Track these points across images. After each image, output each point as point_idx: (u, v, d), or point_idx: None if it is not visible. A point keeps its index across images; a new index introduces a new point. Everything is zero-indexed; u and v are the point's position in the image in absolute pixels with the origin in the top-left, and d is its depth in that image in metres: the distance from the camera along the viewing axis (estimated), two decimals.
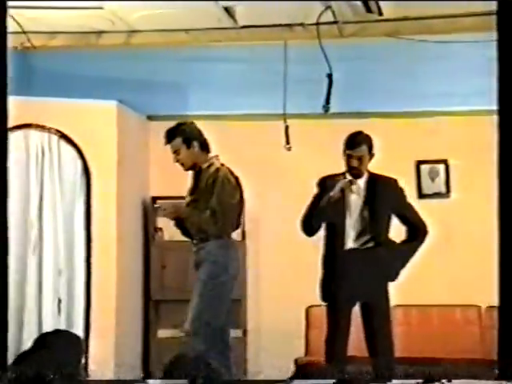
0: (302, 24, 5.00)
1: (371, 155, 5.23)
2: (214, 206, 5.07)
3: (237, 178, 5.26)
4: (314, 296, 7.42)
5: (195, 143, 5.20)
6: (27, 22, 4.96)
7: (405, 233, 5.33)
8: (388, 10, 4.80)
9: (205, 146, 5.28)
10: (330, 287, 5.24)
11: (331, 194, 5.14)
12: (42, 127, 6.91)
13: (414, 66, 6.04)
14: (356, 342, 5.23)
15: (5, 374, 1.78)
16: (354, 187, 5.23)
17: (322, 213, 5.21)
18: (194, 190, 5.26)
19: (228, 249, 5.18)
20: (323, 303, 5.29)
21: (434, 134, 7.27)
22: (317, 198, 5.29)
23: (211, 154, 5.35)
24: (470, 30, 4.94)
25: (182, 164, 5.25)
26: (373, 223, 5.19)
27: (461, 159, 7.56)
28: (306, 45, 5.04)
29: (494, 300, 7.43)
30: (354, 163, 5.16)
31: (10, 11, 4.77)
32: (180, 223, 5.28)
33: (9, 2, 4.64)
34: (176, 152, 5.22)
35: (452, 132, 7.48)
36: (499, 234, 2.25)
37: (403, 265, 5.28)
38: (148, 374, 7.38)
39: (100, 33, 5.21)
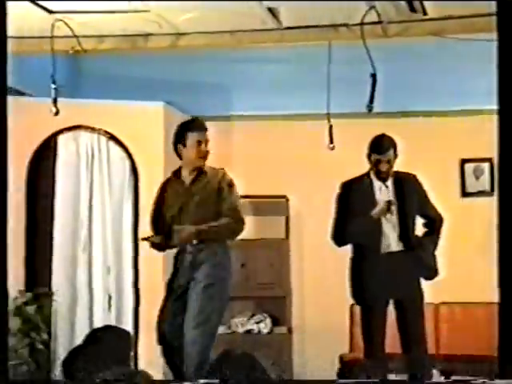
0: (346, 24, 4.99)
1: (396, 156, 5.18)
2: (237, 214, 4.97)
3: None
4: None
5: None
6: (77, 27, 5.00)
7: (423, 226, 5.26)
8: (432, 9, 4.77)
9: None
10: (363, 290, 5.17)
11: (374, 213, 5.05)
12: (91, 129, 6.96)
13: (459, 64, 5.98)
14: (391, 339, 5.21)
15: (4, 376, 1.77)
16: (383, 189, 5.17)
17: (358, 234, 5.13)
18: (193, 192, 5.03)
19: (228, 250, 5.09)
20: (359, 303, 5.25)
21: (479, 133, 7.15)
22: (343, 205, 5.24)
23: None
24: None
25: (203, 156, 5.07)
26: (403, 224, 5.13)
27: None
28: (350, 45, 5.01)
29: None
30: (384, 167, 5.11)
31: (60, 16, 4.84)
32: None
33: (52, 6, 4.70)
34: (202, 142, 5.03)
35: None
36: (499, 233, 2.25)
37: (435, 260, 5.21)
38: None
39: (147, 35, 5.25)
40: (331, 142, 5.70)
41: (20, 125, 6.68)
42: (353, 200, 5.20)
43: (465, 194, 7.45)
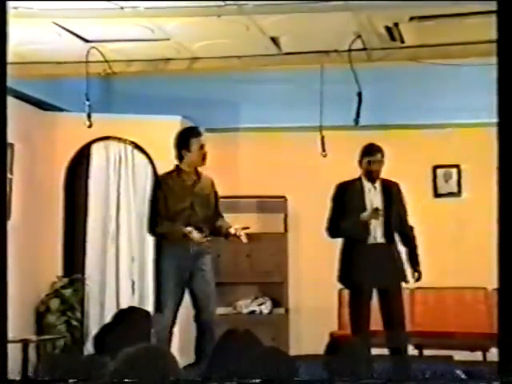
0: (336, 50, 4.97)
1: (383, 161, 5.24)
2: (221, 212, 5.10)
3: None
4: None
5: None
6: (108, 53, 5.00)
7: (402, 243, 5.29)
8: (409, 38, 4.77)
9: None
10: (352, 275, 5.20)
11: (363, 216, 5.10)
12: (119, 139, 6.92)
13: (431, 85, 5.99)
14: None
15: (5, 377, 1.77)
16: (372, 190, 5.21)
17: (350, 229, 5.19)
18: (195, 193, 5.06)
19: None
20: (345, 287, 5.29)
21: (447, 143, 7.20)
22: (338, 203, 5.29)
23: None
24: (478, 55, 4.90)
25: (205, 160, 5.11)
26: (387, 222, 5.16)
27: (470, 164, 7.49)
28: (340, 68, 5.02)
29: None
30: (375, 167, 5.17)
31: (94, 44, 4.88)
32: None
33: (88, 36, 4.73)
34: (204, 147, 5.10)
35: (463, 141, 7.41)
36: (498, 226, 2.21)
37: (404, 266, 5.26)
38: None
39: (167, 60, 5.22)
40: (323, 150, 5.70)
41: (59, 136, 6.77)
42: (346, 199, 5.24)
43: (437, 195, 7.42)
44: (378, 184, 5.24)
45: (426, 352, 6.06)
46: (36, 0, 3.99)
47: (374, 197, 5.20)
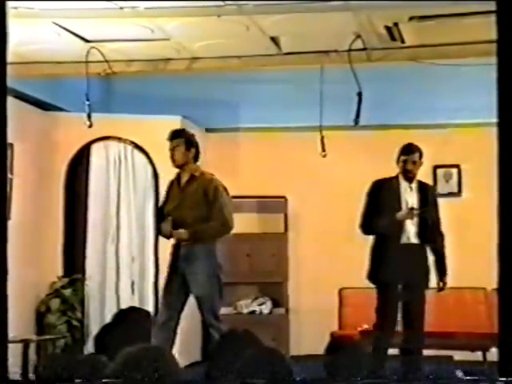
0: (336, 50, 4.96)
1: (420, 163, 5.25)
2: (223, 217, 4.92)
3: (225, 187, 5.10)
4: (346, 279, 7.44)
5: (192, 150, 5.08)
6: (108, 53, 4.99)
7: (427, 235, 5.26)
8: (409, 38, 4.76)
9: (197, 157, 5.13)
10: (382, 273, 5.16)
11: (398, 215, 5.09)
12: (119, 139, 6.95)
13: (431, 85, 5.99)
14: None
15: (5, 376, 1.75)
16: (408, 190, 5.21)
17: (384, 227, 5.15)
18: (186, 193, 5.04)
19: (215, 246, 4.99)
20: (372, 285, 5.22)
21: (448, 143, 7.21)
22: (373, 200, 5.24)
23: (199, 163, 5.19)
24: (478, 55, 4.90)
25: (175, 160, 5.05)
26: (422, 223, 5.17)
27: (471, 164, 7.49)
28: (340, 68, 5.02)
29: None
30: (410, 166, 5.17)
31: (94, 44, 4.88)
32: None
33: (88, 36, 4.73)
34: (174, 149, 5.04)
35: (463, 141, 7.42)
36: (499, 226, 2.19)
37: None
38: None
39: (167, 60, 5.21)
40: (323, 150, 5.69)
41: (59, 135, 6.78)
42: (381, 197, 5.22)
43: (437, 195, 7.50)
44: (414, 184, 5.25)
45: (426, 352, 6.05)
46: (36, 0, 3.97)
47: (409, 196, 5.21)
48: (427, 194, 5.28)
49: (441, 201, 6.65)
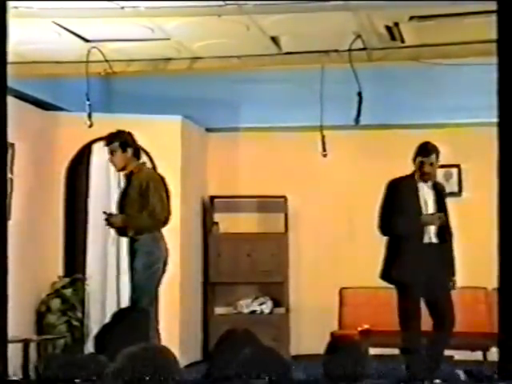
0: (336, 50, 4.96)
1: (438, 163, 5.24)
2: (151, 207, 5.03)
3: (163, 179, 5.23)
4: (346, 279, 7.45)
5: (129, 149, 5.15)
6: (109, 53, 4.99)
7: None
8: (409, 37, 4.77)
9: (137, 153, 5.22)
10: (402, 273, 5.12)
11: (425, 219, 5.08)
12: None
13: (431, 85, 5.99)
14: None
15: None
16: (425, 189, 5.21)
17: (405, 227, 5.11)
18: (126, 191, 5.17)
19: (159, 241, 5.13)
20: (392, 285, 5.20)
21: (447, 143, 7.19)
22: (389, 200, 5.19)
23: (141, 161, 5.31)
24: (478, 55, 4.90)
25: (115, 165, 5.19)
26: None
27: (471, 164, 7.50)
28: (340, 68, 5.02)
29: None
30: (427, 169, 5.16)
31: (94, 44, 4.88)
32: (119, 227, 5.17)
33: (88, 35, 4.73)
34: (112, 153, 5.15)
35: (463, 141, 7.42)
36: (499, 225, 2.17)
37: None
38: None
39: (168, 60, 5.21)
40: (324, 149, 5.69)
41: (60, 135, 6.78)
42: (399, 197, 5.19)
43: None
44: (429, 183, 5.25)
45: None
46: (36, 0, 3.96)
47: (427, 196, 5.20)
48: (442, 194, 5.28)
49: None
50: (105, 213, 5.20)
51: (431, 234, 5.16)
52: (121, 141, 5.14)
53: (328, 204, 7.64)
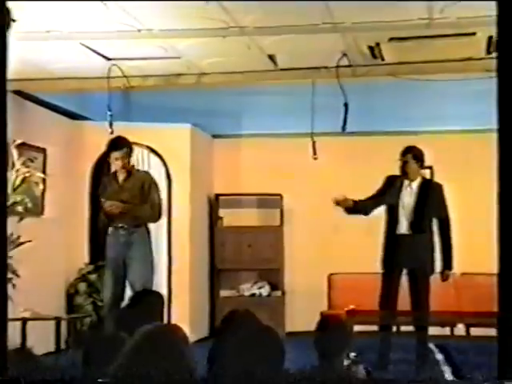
0: (325, 67, 4.95)
1: (419, 163, 5.21)
2: (151, 200, 5.07)
3: (155, 181, 5.28)
4: (334, 265, 7.44)
5: (132, 154, 5.23)
6: (128, 69, 4.99)
7: (437, 225, 5.24)
8: (389, 56, 4.76)
9: (130, 155, 5.26)
10: (384, 260, 5.18)
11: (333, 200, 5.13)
12: (136, 144, 6.96)
13: (407, 97, 5.99)
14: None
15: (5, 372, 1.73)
16: (408, 188, 5.20)
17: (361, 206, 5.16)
18: (125, 187, 5.13)
19: (149, 233, 5.16)
20: (381, 270, 5.22)
21: (421, 147, 7.19)
22: (381, 188, 5.24)
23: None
24: (448, 71, 4.91)
25: (123, 167, 5.14)
26: (416, 217, 5.15)
27: (441, 165, 7.50)
28: (329, 82, 5.02)
29: (465, 268, 7.32)
30: (405, 167, 5.18)
31: (114, 62, 4.87)
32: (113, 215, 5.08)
33: (109, 54, 4.72)
34: (121, 158, 5.09)
35: (435, 146, 7.41)
36: (499, 224, 1.99)
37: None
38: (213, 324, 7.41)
39: (179, 75, 5.23)
40: (314, 153, 5.67)
41: (86, 141, 6.77)
42: (387, 189, 5.24)
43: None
44: (416, 183, 5.21)
45: (404, 328, 6.05)
46: (37, 0, 3.66)
47: (407, 194, 5.18)
48: (428, 192, 5.20)
49: None
50: (103, 200, 5.09)
51: (403, 226, 5.14)
52: (128, 147, 5.15)
53: (318, 201, 7.62)
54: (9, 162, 5.37)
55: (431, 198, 5.20)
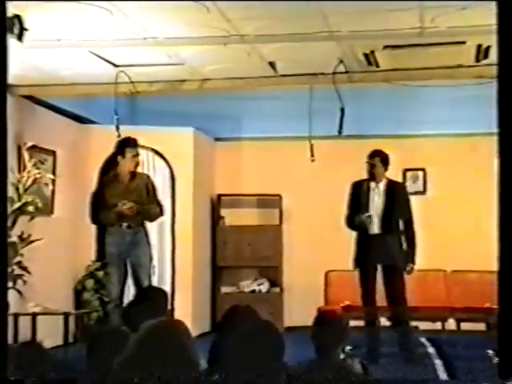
0: (322, 73, 4.97)
1: (384, 166, 5.22)
2: (158, 201, 5.21)
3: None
4: (331, 263, 7.44)
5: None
6: (134, 75, 5.00)
7: (402, 225, 5.26)
8: (383, 63, 4.77)
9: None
10: (361, 258, 5.20)
11: (356, 220, 5.13)
12: (142, 146, 6.95)
13: (401, 102, 6.00)
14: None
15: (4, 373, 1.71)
16: (376, 190, 5.21)
17: (357, 223, 5.19)
18: (131, 188, 5.18)
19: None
20: (356, 268, 5.25)
21: (415, 150, 7.22)
22: (351, 199, 5.27)
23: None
24: (440, 78, 4.92)
25: (135, 166, 5.22)
26: (385, 217, 5.16)
27: (434, 168, 7.51)
28: (326, 88, 5.03)
29: (456, 266, 7.31)
30: (373, 169, 5.19)
31: (121, 68, 4.88)
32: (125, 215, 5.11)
33: (116, 61, 4.73)
34: (138, 155, 5.21)
35: (428, 148, 7.44)
36: (499, 225, 1.95)
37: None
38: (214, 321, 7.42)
39: (182, 81, 5.23)
40: (312, 155, 5.68)
41: (93, 144, 6.78)
42: (357, 196, 5.24)
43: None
44: (382, 184, 5.22)
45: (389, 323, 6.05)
46: (36, 0, 3.56)
47: (376, 195, 5.19)
48: (394, 193, 5.23)
49: (410, 198, 6.63)
50: (121, 203, 5.10)
51: (375, 227, 5.17)
52: (138, 147, 5.24)
53: (315, 201, 7.64)
54: (20, 164, 5.39)
55: (397, 198, 5.24)
